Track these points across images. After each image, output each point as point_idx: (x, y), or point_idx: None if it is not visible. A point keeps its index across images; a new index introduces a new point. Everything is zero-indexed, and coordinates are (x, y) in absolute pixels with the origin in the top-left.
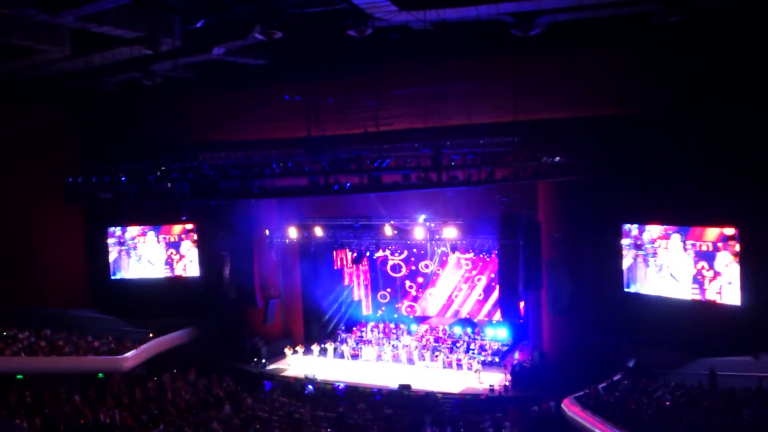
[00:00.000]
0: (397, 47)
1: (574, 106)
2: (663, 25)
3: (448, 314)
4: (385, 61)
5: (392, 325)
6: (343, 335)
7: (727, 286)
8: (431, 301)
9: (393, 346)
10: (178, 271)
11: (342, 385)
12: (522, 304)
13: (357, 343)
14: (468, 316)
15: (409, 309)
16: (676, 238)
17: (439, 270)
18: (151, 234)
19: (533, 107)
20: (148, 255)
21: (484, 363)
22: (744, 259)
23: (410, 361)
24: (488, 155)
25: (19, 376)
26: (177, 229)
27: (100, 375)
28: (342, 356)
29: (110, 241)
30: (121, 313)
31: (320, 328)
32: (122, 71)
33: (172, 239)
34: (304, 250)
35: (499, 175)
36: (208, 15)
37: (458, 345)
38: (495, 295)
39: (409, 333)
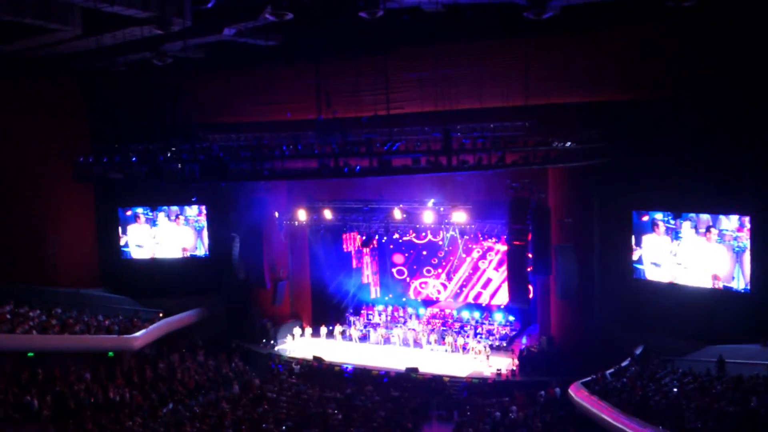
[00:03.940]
0: (408, 29)
1: (586, 91)
2: (676, 8)
3: (458, 299)
4: (396, 43)
5: (400, 309)
6: (352, 318)
7: (737, 273)
8: (439, 285)
9: (407, 329)
10: (189, 252)
11: (350, 367)
12: (530, 289)
13: (365, 326)
14: (476, 301)
15: (417, 293)
16: (687, 225)
17: (448, 254)
18: (162, 214)
19: (545, 91)
20: (159, 235)
21: (491, 347)
22: (755, 246)
23: (418, 344)
24: (499, 139)
25: (31, 354)
26: (187, 209)
27: (111, 354)
28: (350, 339)
29: (121, 220)
30: (132, 292)
31: (328, 310)
32: (133, 51)
33: (182, 220)
34: (313, 232)
35: (509, 159)
36: None
37: (466, 329)
38: (504, 279)
39: (417, 317)
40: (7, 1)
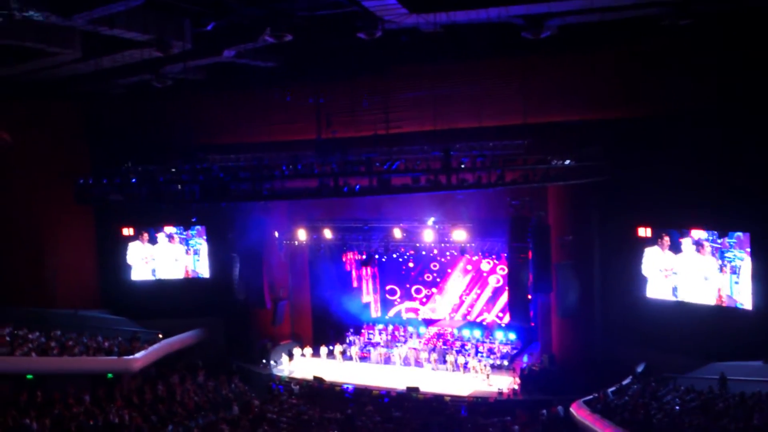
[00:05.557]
0: (406, 50)
1: (584, 109)
2: (674, 26)
3: (457, 317)
4: (394, 63)
5: (401, 328)
6: (352, 337)
7: (738, 291)
8: (440, 304)
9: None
10: (190, 273)
11: (350, 387)
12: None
13: (365, 346)
14: (477, 319)
15: (417, 312)
16: (687, 241)
17: (448, 273)
18: (162, 235)
19: (543, 110)
20: (159, 256)
21: (492, 366)
22: (756, 263)
23: (418, 363)
24: (498, 158)
25: (30, 376)
26: (187, 231)
27: (110, 375)
28: (350, 358)
29: (122, 242)
30: (131, 314)
31: (329, 330)
32: (133, 74)
33: (183, 240)
34: (313, 252)
35: (508, 177)
36: (219, 18)
37: (467, 348)
38: (504, 298)
39: (418, 336)
40: (8, 26)
